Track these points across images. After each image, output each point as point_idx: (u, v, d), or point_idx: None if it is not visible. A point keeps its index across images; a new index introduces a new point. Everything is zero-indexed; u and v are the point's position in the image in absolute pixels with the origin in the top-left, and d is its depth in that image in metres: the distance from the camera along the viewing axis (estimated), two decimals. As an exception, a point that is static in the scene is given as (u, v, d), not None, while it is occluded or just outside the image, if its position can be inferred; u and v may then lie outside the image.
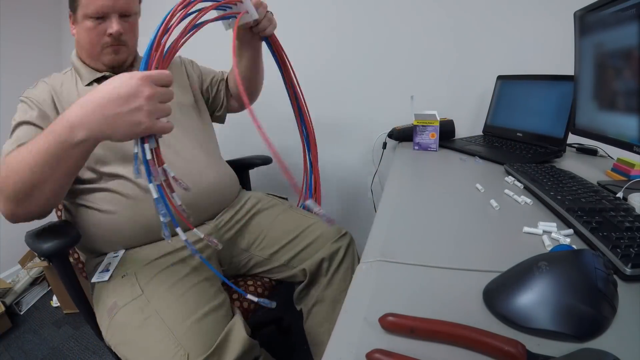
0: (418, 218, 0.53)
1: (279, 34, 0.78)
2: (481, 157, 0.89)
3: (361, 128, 1.40)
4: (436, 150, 1.00)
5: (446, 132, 1.13)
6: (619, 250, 0.37)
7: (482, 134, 1.16)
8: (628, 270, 0.34)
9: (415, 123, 1.01)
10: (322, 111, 1.45)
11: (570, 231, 0.45)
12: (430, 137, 1.00)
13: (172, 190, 0.53)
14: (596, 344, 0.27)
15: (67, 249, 0.61)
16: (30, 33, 1.69)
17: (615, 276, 0.32)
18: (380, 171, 1.41)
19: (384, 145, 1.34)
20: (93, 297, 0.68)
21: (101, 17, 0.71)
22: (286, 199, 0.94)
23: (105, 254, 0.72)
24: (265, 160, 1.11)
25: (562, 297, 0.29)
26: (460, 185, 0.69)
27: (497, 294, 0.32)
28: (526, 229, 0.47)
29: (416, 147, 1.02)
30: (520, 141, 0.98)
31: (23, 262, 1.60)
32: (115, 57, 0.76)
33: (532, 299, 0.29)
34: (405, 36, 1.28)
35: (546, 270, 0.30)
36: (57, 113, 0.71)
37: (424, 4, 1.23)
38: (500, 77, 1.12)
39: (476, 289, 0.34)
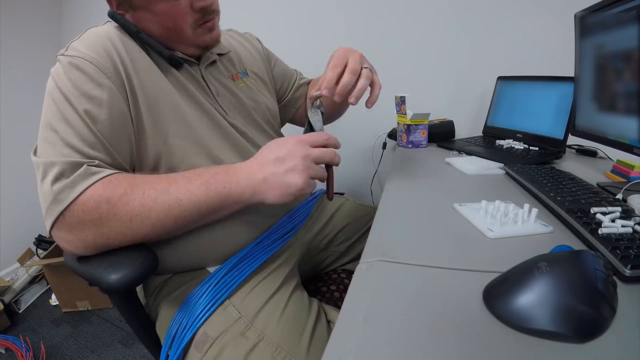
0: (418, 218, 0.53)
1: (279, 36, 0.75)
2: (481, 158, 0.89)
3: (361, 128, 1.40)
4: (426, 147, 1.05)
5: (446, 133, 1.13)
6: (618, 251, 0.37)
7: (482, 134, 1.16)
8: (627, 272, 0.34)
9: (409, 122, 1.02)
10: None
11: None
12: (421, 134, 1.04)
13: None
14: (596, 344, 0.27)
15: (144, 279, 0.47)
16: (31, 32, 1.68)
17: (614, 277, 0.32)
18: (380, 171, 1.41)
19: (384, 146, 1.34)
20: (157, 328, 0.58)
21: None
22: (343, 194, 0.95)
23: (171, 273, 0.59)
24: None
25: (561, 297, 0.29)
26: (459, 185, 0.69)
27: (497, 295, 0.32)
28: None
29: (410, 146, 1.05)
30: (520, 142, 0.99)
31: (22, 261, 1.60)
32: (214, 35, 0.59)
33: (532, 299, 0.29)
34: (405, 37, 1.28)
35: (546, 270, 0.30)
36: (125, 93, 0.51)
37: (425, 4, 1.23)
38: (500, 78, 1.13)
39: (476, 289, 0.34)
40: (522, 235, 0.46)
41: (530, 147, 0.93)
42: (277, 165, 0.49)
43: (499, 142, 1.01)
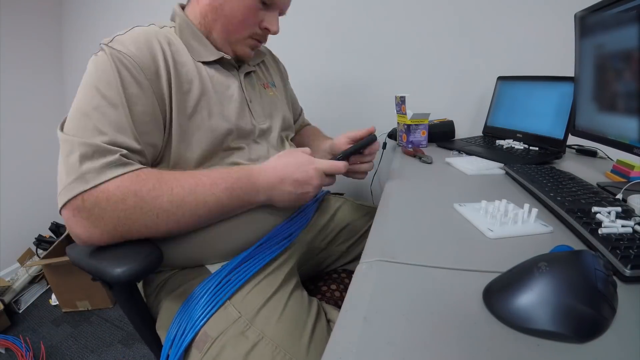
0: (418, 218, 0.53)
1: (276, 36, 0.76)
2: (481, 158, 0.89)
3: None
4: (426, 146, 1.05)
5: (446, 133, 1.14)
6: (618, 251, 0.37)
7: (482, 134, 1.16)
8: (627, 272, 0.34)
9: (409, 122, 1.02)
10: (322, 111, 1.45)
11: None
12: (421, 134, 1.04)
13: None
14: (596, 344, 0.27)
15: (148, 274, 0.48)
16: (31, 31, 1.68)
17: (614, 277, 0.32)
18: (380, 171, 1.41)
19: (384, 146, 1.34)
20: (157, 327, 0.58)
21: (266, 5, 0.62)
22: (343, 194, 0.95)
23: (174, 269, 0.60)
24: None
25: (561, 297, 0.29)
26: (459, 185, 0.69)
27: (497, 295, 0.32)
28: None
29: (409, 146, 1.05)
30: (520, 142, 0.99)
31: (22, 261, 1.60)
32: (249, 53, 0.67)
33: (532, 299, 0.29)
34: (406, 36, 1.28)
35: (546, 270, 0.30)
36: (167, 87, 0.54)
37: (425, 4, 1.23)
38: (500, 78, 1.13)
39: (476, 289, 0.34)
40: (522, 235, 0.46)
41: (530, 147, 0.94)
42: (294, 187, 0.56)
43: (499, 142, 1.01)
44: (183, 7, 0.66)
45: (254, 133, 0.66)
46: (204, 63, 0.61)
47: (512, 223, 0.48)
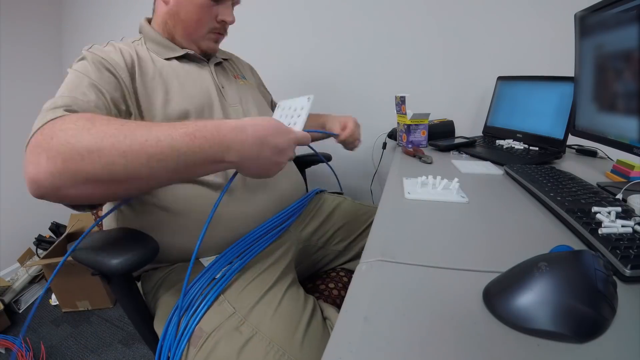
0: (418, 218, 0.53)
1: (277, 37, 0.80)
2: (481, 158, 0.89)
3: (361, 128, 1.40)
4: (426, 147, 1.05)
5: (446, 133, 1.13)
6: (618, 251, 0.37)
7: (482, 134, 1.16)
8: (627, 272, 0.34)
9: (409, 122, 1.02)
10: (322, 112, 1.45)
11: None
12: (421, 134, 1.04)
13: None
14: (596, 344, 0.27)
15: (145, 264, 0.49)
16: (30, 34, 1.68)
17: (614, 277, 0.32)
18: (380, 171, 1.41)
19: (384, 146, 1.34)
20: (155, 325, 0.58)
21: (216, 0, 0.68)
22: (342, 193, 0.95)
23: (171, 263, 0.62)
24: (328, 157, 1.11)
25: (561, 297, 0.29)
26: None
27: (496, 295, 0.32)
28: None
29: (409, 146, 1.04)
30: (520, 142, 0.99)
31: (22, 261, 1.60)
32: (213, 46, 0.74)
33: (532, 299, 0.29)
34: (405, 36, 1.28)
35: (546, 270, 0.30)
36: (133, 84, 0.60)
37: (424, 4, 1.23)
38: (500, 78, 1.13)
39: (476, 289, 0.34)
40: (437, 201, 0.58)
41: (530, 147, 0.94)
42: (274, 154, 0.50)
43: (499, 142, 1.01)
44: (149, 20, 0.75)
45: (228, 116, 0.70)
46: (172, 59, 0.68)
47: (433, 190, 0.59)
